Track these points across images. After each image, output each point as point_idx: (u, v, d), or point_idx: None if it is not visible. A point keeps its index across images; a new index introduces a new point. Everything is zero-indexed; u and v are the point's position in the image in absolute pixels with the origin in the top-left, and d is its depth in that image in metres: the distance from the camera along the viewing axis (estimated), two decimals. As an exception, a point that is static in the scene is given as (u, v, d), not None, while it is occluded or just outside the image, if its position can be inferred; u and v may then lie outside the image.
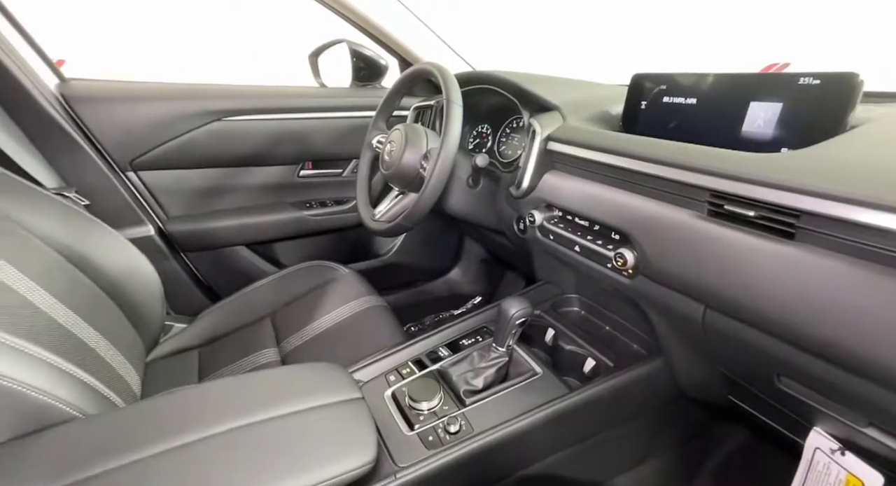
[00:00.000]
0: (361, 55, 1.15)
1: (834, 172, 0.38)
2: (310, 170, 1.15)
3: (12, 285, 0.56)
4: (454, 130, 0.67)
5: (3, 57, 0.75)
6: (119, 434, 0.43)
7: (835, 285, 0.37)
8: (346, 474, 0.43)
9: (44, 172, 0.81)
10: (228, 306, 0.98)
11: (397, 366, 0.67)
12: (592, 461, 0.67)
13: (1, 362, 0.42)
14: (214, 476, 0.40)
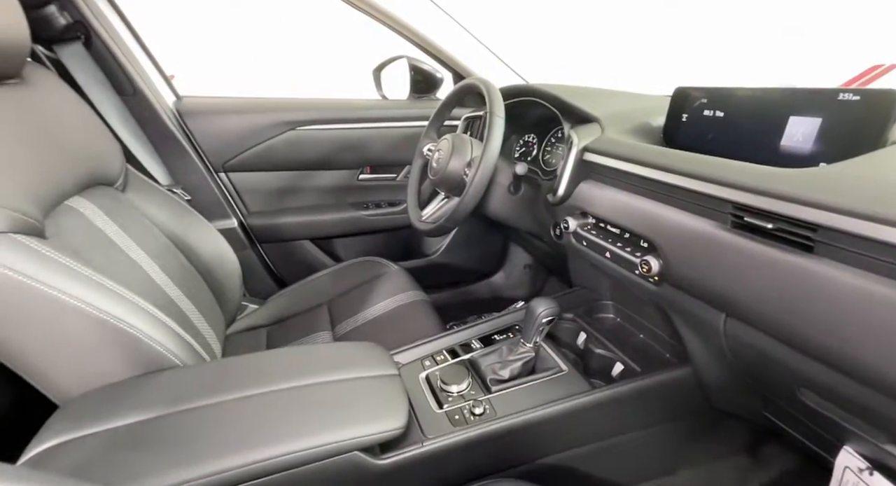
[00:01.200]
0: (419, 69, 1.24)
1: (857, 187, 0.39)
2: (368, 174, 1.27)
3: (137, 260, 0.72)
4: (495, 140, 0.73)
5: (140, 84, 0.94)
6: (209, 381, 0.55)
7: (853, 300, 0.38)
8: (380, 433, 0.51)
9: (160, 172, 1.00)
10: (293, 292, 1.12)
11: (433, 353, 0.74)
12: (615, 461, 0.69)
13: (131, 317, 0.55)
14: (276, 421, 0.50)
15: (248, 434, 0.48)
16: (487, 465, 0.60)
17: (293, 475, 0.47)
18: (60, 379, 0.54)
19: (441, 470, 0.58)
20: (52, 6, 0.82)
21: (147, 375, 0.55)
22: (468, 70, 1.17)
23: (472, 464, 0.59)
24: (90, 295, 0.53)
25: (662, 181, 0.56)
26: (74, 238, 0.61)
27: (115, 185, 0.79)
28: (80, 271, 0.53)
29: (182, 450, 0.45)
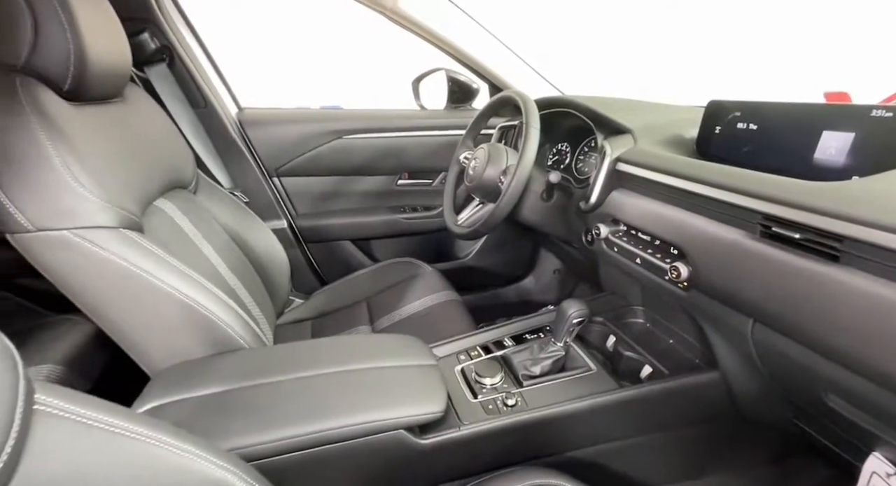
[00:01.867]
0: (456, 80, 1.31)
1: (884, 201, 0.41)
2: (406, 180, 1.34)
3: (207, 255, 0.81)
4: (530, 151, 0.78)
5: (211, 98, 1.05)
6: (273, 362, 0.62)
7: (878, 308, 0.40)
8: (422, 415, 0.56)
9: (223, 176, 1.11)
10: (335, 289, 1.20)
11: (467, 348, 0.79)
12: (642, 460, 0.71)
13: (208, 302, 0.63)
14: (331, 399, 0.56)
15: (309, 408, 0.54)
16: (518, 453, 0.65)
17: (347, 447, 0.53)
18: (152, 352, 0.63)
19: (475, 455, 0.62)
20: (146, 34, 0.94)
21: (222, 354, 0.64)
22: (503, 81, 1.22)
23: (504, 451, 0.64)
24: (177, 282, 0.61)
25: (693, 192, 0.59)
26: (162, 234, 0.71)
27: (188, 188, 0.90)
28: (169, 262, 0.62)
29: (255, 418, 0.52)
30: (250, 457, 0.49)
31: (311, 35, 2.78)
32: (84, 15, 0.59)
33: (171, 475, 0.36)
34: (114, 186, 0.60)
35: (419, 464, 0.59)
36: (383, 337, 0.74)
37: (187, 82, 1.03)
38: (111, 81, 0.68)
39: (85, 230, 0.55)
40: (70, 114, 0.58)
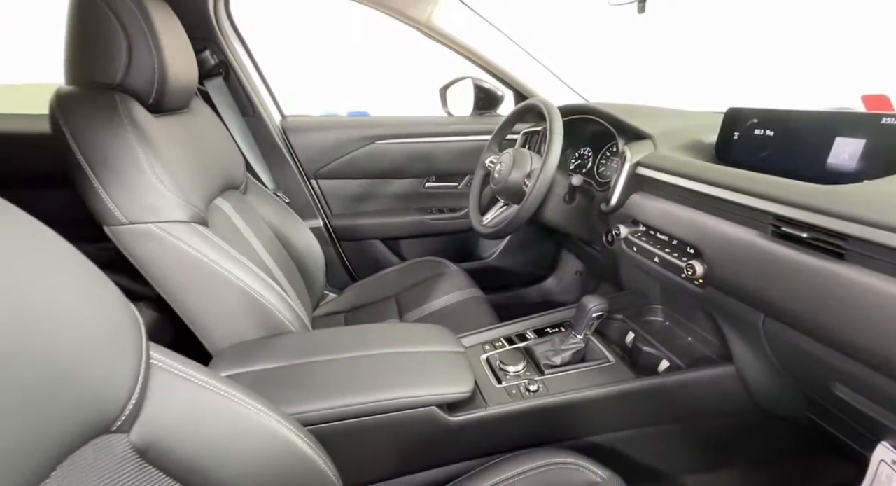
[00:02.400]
0: (482, 88, 1.37)
1: (886, 202, 0.45)
2: (433, 182, 1.41)
3: (256, 249, 0.90)
4: (553, 155, 0.83)
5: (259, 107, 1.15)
6: (319, 344, 0.70)
7: (880, 302, 0.43)
8: (451, 394, 0.62)
9: (267, 178, 1.21)
10: (366, 285, 1.28)
11: (492, 340, 0.84)
12: (658, 449, 0.75)
13: (262, 289, 0.71)
14: (372, 376, 0.63)
15: (352, 384, 0.61)
16: (538, 435, 0.70)
17: (384, 419, 0.60)
18: (214, 332, 0.71)
19: (499, 434, 0.68)
20: (207, 51, 1.05)
21: (274, 336, 0.72)
22: (527, 88, 1.28)
23: (525, 433, 0.69)
24: (237, 270, 0.70)
25: (708, 194, 0.63)
26: (221, 229, 0.80)
27: (239, 189, 0.99)
28: (229, 252, 0.70)
29: (306, 390, 0.60)
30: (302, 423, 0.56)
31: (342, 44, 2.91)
32: (165, 38, 0.68)
33: (251, 428, 0.43)
34: (186, 186, 0.69)
35: (447, 440, 0.65)
36: (416, 326, 0.80)
37: (239, 93, 1.13)
38: (183, 95, 0.77)
39: (165, 224, 0.64)
40: (153, 124, 0.68)
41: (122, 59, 0.64)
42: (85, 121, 0.60)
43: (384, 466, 0.65)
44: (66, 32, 0.65)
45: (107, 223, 0.62)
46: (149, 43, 0.65)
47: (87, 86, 0.65)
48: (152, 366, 0.39)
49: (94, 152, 0.60)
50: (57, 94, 0.62)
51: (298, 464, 0.46)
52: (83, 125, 0.60)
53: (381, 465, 0.64)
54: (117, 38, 0.64)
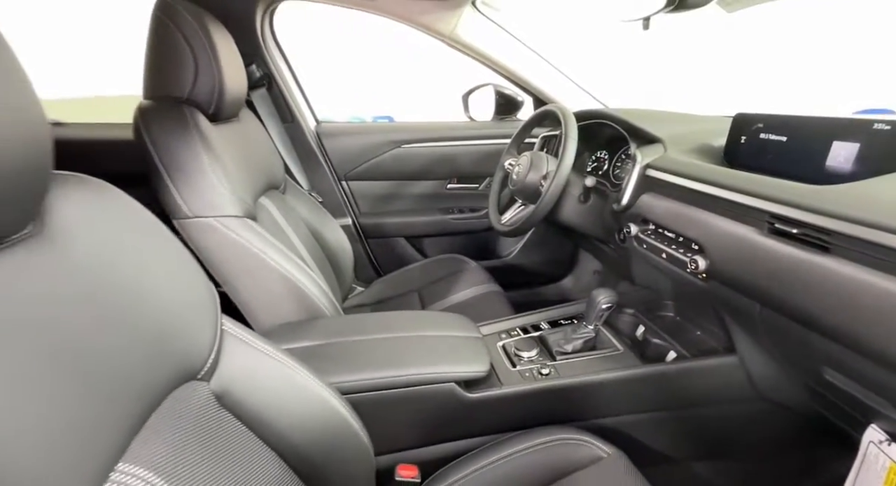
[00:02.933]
0: (502, 94, 1.44)
1: (868, 200, 0.49)
2: (455, 184, 1.49)
3: (294, 243, 1.00)
4: (568, 158, 0.89)
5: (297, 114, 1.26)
6: (351, 326, 0.78)
7: (861, 291, 0.48)
8: (468, 373, 0.69)
9: (303, 179, 1.31)
10: (391, 279, 1.37)
11: (508, 329, 0.91)
12: (665, 434, 0.79)
13: (302, 277, 0.81)
14: (399, 355, 0.71)
15: (381, 360, 0.69)
16: (549, 415, 0.75)
17: (409, 392, 0.68)
18: (260, 314, 0.81)
19: (512, 412, 0.74)
20: (253, 66, 1.16)
21: (312, 319, 0.81)
22: (546, 94, 1.34)
23: (537, 412, 0.75)
24: (280, 259, 0.79)
25: (711, 194, 0.67)
26: (266, 223, 0.89)
27: (279, 189, 1.09)
28: (274, 243, 0.80)
29: (342, 364, 0.68)
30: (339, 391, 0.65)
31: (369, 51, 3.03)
32: (223, 56, 0.79)
33: (300, 390, 0.51)
34: (239, 186, 0.79)
35: (465, 415, 0.72)
36: (438, 313, 0.88)
37: (280, 102, 1.24)
38: (236, 105, 0.88)
39: (223, 218, 0.74)
40: (213, 132, 0.78)
41: (189, 77, 0.75)
42: (162, 130, 0.71)
43: (407, 436, 0.72)
44: (145, 54, 0.76)
45: (175, 217, 0.73)
46: (210, 62, 0.76)
47: (162, 100, 0.76)
48: (224, 332, 0.48)
49: (169, 157, 0.70)
50: (139, 108, 0.73)
51: (338, 424, 0.54)
52: (160, 134, 0.70)
53: (404, 435, 0.72)
54: (186, 59, 0.74)
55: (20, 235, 0.30)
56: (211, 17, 0.80)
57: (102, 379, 0.32)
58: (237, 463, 0.42)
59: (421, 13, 1.13)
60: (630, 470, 0.63)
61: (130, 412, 0.34)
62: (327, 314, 0.83)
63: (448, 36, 1.19)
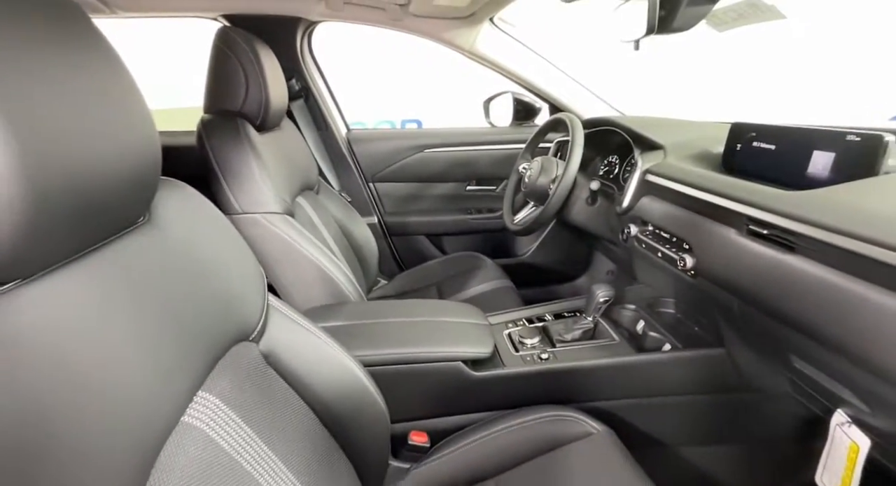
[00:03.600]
0: (521, 101, 1.52)
1: (829, 205, 0.54)
2: (474, 186, 1.58)
3: (325, 238, 1.12)
4: (573, 164, 0.97)
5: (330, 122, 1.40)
6: (374, 310, 0.89)
7: (822, 287, 0.53)
8: (474, 353, 0.79)
9: (334, 181, 1.44)
10: (412, 274, 1.47)
11: (515, 319, 0.99)
12: (657, 419, 0.85)
13: (332, 267, 0.92)
14: (415, 335, 0.81)
15: (399, 339, 0.80)
16: (547, 396, 0.83)
17: (421, 368, 0.78)
18: (296, 298, 0.93)
19: (513, 391, 0.83)
20: (293, 80, 1.30)
21: (339, 303, 0.92)
22: (561, 102, 1.41)
23: (536, 392, 0.83)
24: (313, 251, 0.91)
25: (698, 198, 0.74)
26: (302, 220, 1.02)
27: (314, 189, 1.22)
28: (310, 237, 0.92)
29: (364, 341, 0.79)
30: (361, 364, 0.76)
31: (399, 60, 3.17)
32: (269, 75, 0.92)
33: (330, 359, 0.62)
34: (280, 187, 0.92)
35: (470, 391, 0.81)
36: (451, 303, 0.98)
37: (315, 112, 1.38)
38: (278, 116, 1.01)
39: (267, 214, 0.87)
40: (260, 140, 0.91)
41: (241, 94, 0.88)
42: (220, 139, 0.84)
43: (419, 407, 0.82)
44: (207, 75, 0.90)
45: (228, 213, 0.86)
46: (259, 81, 0.89)
47: (219, 113, 0.89)
48: (270, 306, 0.59)
49: (224, 161, 0.84)
50: (201, 121, 0.87)
51: (360, 390, 0.65)
52: (218, 142, 0.84)
53: (416, 406, 0.82)
54: (239, 79, 0.88)
55: (138, 223, 0.42)
56: (260, 41, 0.93)
57: (189, 331, 0.43)
58: (278, 407, 0.54)
59: (442, 30, 1.23)
60: (617, 446, 0.70)
61: (206, 357, 0.45)
62: (352, 300, 0.94)
63: (468, 50, 1.29)
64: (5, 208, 0.26)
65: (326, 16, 1.21)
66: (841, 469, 0.58)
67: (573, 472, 0.67)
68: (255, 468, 0.45)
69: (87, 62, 0.34)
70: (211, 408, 0.43)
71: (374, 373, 0.69)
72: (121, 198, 0.37)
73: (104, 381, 0.31)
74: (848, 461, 0.57)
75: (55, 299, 0.31)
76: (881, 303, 0.46)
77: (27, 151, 0.26)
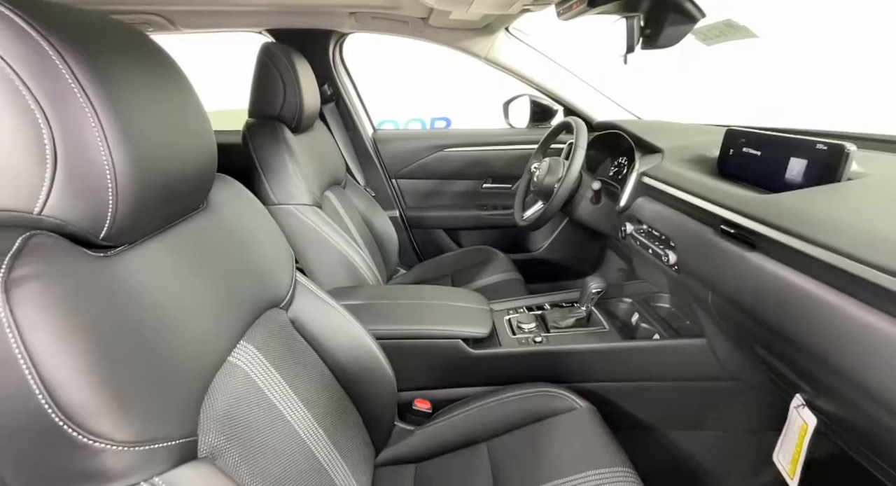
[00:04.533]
0: (538, 104, 1.59)
1: (783, 208, 0.60)
2: (490, 184, 1.67)
3: (350, 228, 1.25)
4: (575, 165, 1.04)
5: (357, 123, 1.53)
6: (387, 292, 1.01)
7: (778, 282, 0.59)
8: (474, 332, 0.89)
9: (360, 177, 1.58)
10: (429, 264, 1.59)
11: (516, 307, 1.08)
12: (639, 402, 0.92)
13: (353, 253, 1.05)
14: (422, 314, 0.92)
15: (408, 316, 0.91)
16: (539, 375, 0.92)
17: (425, 343, 0.89)
18: (319, 278, 1.06)
19: (507, 369, 0.92)
20: (325, 85, 1.44)
21: (358, 285, 1.05)
22: (574, 105, 1.47)
23: (529, 371, 0.92)
24: (338, 239, 1.04)
25: (683, 199, 0.80)
26: (329, 211, 1.15)
27: (341, 184, 1.36)
28: (334, 226, 1.05)
29: (378, 316, 0.91)
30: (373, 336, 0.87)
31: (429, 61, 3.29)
32: (304, 82, 1.05)
33: (346, 328, 0.74)
34: (311, 182, 1.05)
35: (469, 367, 0.91)
36: (458, 290, 1.08)
37: (345, 114, 1.52)
38: (311, 120, 1.14)
39: (298, 206, 1.00)
40: (294, 141, 1.05)
41: (279, 101, 1.02)
42: (261, 140, 0.98)
43: (423, 379, 0.93)
44: (252, 84, 1.04)
45: (265, 203, 0.99)
46: (295, 89, 1.02)
47: (260, 116, 1.04)
48: (297, 282, 0.71)
49: (264, 159, 0.98)
50: (246, 123, 1.02)
51: (372, 358, 0.76)
52: (259, 143, 0.98)
53: (421, 378, 0.93)
54: (278, 87, 1.01)
55: (199, 209, 0.55)
56: (297, 53, 1.07)
57: (234, 293, 0.56)
58: (302, 363, 0.66)
59: (460, 40, 1.33)
60: (598, 422, 0.78)
61: (246, 315, 0.58)
62: (370, 283, 1.07)
63: (484, 56, 1.38)
64: (123, 195, 0.38)
65: (356, 28, 1.33)
66: (793, 447, 0.64)
67: (555, 441, 0.76)
68: (282, 404, 0.57)
69: (166, 86, 0.46)
70: (249, 354, 0.56)
71: (384, 345, 0.80)
72: (189, 189, 0.50)
73: (177, 319, 0.44)
74: (798, 438, 0.63)
75: (147, 260, 0.44)
76: (822, 298, 0.52)
77: (134, 157, 0.39)
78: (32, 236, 0.34)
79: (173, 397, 0.40)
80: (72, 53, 0.34)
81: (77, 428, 0.31)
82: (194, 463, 0.39)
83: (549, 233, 1.69)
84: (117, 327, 0.36)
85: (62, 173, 0.35)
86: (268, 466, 0.49)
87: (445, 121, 3.68)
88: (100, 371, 0.32)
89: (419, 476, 0.76)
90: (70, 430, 0.31)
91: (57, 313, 0.31)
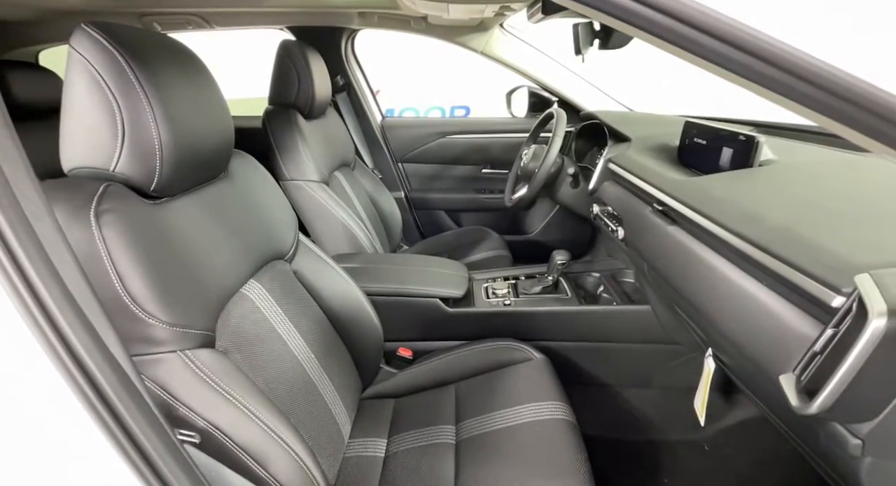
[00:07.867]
0: (536, 94, 1.69)
1: (694, 188, 0.71)
2: (489, 169, 1.80)
3: (356, 206, 1.41)
4: (552, 152, 1.16)
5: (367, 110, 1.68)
6: (379, 259, 1.17)
7: (682, 251, 0.70)
8: (450, 292, 1.04)
9: (368, 160, 1.74)
10: (430, 242, 1.74)
11: (494, 277, 1.22)
12: (598, 362, 1.05)
13: (356, 227, 1.21)
14: (408, 276, 1.07)
15: (393, 278, 1.07)
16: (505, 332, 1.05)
17: (408, 300, 1.05)
18: (325, 246, 1.23)
19: (479, 326, 1.07)
20: (338, 77, 1.60)
21: (358, 253, 1.21)
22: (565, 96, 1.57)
23: (497, 328, 1.06)
24: (342, 213, 1.20)
25: (632, 182, 0.91)
26: (337, 189, 1.32)
27: (350, 166, 1.52)
28: (339, 202, 1.21)
29: (369, 276, 1.07)
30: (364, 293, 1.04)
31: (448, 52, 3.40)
32: (316, 76, 1.21)
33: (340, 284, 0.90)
34: (321, 162, 1.22)
35: (445, 323, 1.06)
36: (440, 259, 1.23)
37: (356, 103, 1.67)
38: (322, 107, 1.31)
39: (308, 182, 1.17)
40: (306, 126, 1.21)
41: (294, 90, 1.18)
42: (278, 124, 1.15)
43: (406, 331, 1.09)
44: (271, 76, 1.21)
45: (279, 179, 1.17)
46: (308, 81, 1.18)
47: (278, 104, 1.21)
48: (300, 242, 0.88)
49: (280, 140, 1.15)
50: (266, 110, 1.19)
51: (361, 310, 0.92)
52: (277, 126, 1.15)
53: (404, 330, 1.09)
54: (294, 79, 1.18)
55: (220, 176, 0.72)
56: (312, 49, 1.22)
57: (247, 242, 0.72)
58: (301, 305, 0.82)
59: (457, 36, 1.45)
60: (548, 369, 0.92)
61: (256, 261, 0.74)
62: (369, 252, 1.23)
63: (481, 51, 1.49)
64: (166, 160, 0.55)
65: (364, 26, 1.48)
66: (703, 392, 0.76)
67: (508, 383, 0.91)
68: (281, 329, 0.74)
69: (197, 84, 0.62)
70: (257, 290, 0.73)
71: (373, 301, 0.96)
72: (213, 158, 0.66)
73: (204, 251, 0.61)
74: (704, 382, 0.75)
75: (182, 208, 0.61)
76: (713, 264, 0.64)
77: (174, 134, 0.55)
78: (109, 185, 0.51)
79: (200, 303, 0.57)
80: (136, 63, 0.51)
81: (138, 307, 0.48)
82: (211, 350, 0.56)
83: (543, 216, 1.80)
84: (164, 248, 0.53)
85: (128, 144, 0.51)
86: (264, 367, 0.66)
87: (465, 109, 3.79)
88: (153, 274, 0.49)
89: (397, 408, 0.93)
90: (134, 308, 0.48)
91: (126, 234, 0.48)
